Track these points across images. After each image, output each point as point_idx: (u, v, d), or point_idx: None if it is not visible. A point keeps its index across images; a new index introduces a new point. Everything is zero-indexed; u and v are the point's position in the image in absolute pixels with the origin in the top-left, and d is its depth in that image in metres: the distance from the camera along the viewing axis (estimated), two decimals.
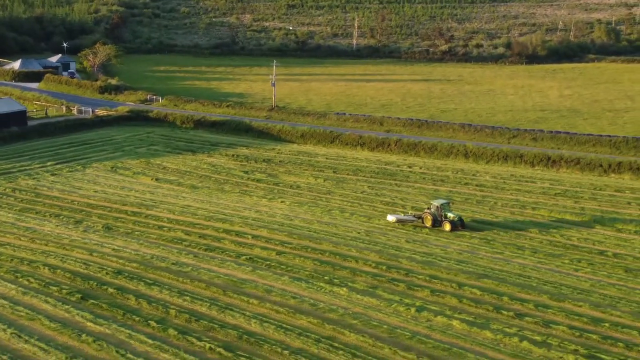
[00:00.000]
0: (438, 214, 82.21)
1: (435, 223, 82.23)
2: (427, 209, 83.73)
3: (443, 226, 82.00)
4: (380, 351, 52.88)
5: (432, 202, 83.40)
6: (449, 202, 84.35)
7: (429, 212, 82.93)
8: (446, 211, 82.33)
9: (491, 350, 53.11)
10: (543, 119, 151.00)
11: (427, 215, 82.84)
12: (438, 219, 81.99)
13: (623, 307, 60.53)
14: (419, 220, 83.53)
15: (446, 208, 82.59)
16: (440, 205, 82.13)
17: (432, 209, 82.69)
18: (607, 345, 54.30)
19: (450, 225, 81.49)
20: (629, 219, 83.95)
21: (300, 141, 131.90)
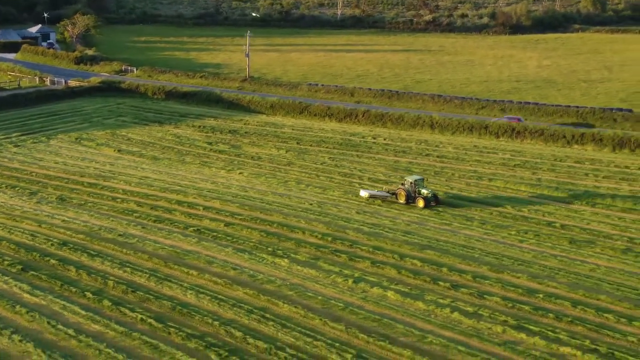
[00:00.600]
0: (412, 190, 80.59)
1: (409, 199, 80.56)
2: (400, 185, 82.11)
3: (416, 202, 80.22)
4: (311, 322, 52.98)
5: (406, 178, 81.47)
6: (422, 178, 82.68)
7: (402, 188, 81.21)
8: (420, 187, 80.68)
9: (421, 321, 53.25)
10: (517, 89, 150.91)
11: (401, 191, 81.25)
12: (412, 195, 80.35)
13: (561, 279, 60.60)
14: (392, 197, 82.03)
15: (420, 184, 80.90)
16: (414, 181, 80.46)
17: (406, 185, 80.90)
18: (537, 316, 54.40)
19: (423, 201, 79.86)
20: (582, 191, 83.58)
21: (269, 112, 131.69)
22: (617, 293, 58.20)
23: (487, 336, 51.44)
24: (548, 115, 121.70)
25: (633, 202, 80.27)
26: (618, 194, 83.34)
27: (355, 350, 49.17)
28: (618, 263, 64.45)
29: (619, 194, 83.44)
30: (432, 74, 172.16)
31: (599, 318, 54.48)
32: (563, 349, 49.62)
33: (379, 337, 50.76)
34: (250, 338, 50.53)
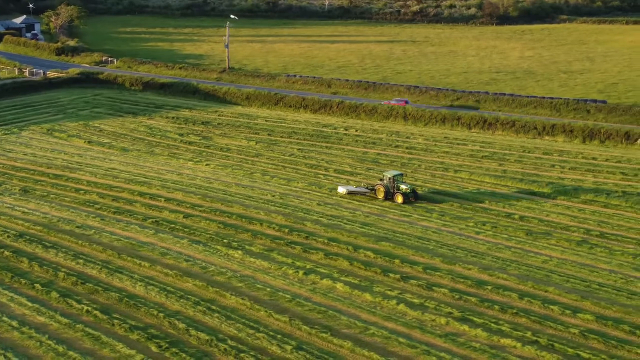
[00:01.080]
0: (390, 185, 79.01)
1: (388, 195, 79.09)
2: (379, 181, 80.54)
3: (395, 198, 78.93)
4: (256, 313, 53.12)
5: (385, 174, 79.79)
6: (402, 173, 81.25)
7: (381, 183, 79.72)
8: (399, 183, 79.06)
9: (366, 313, 53.34)
10: (495, 80, 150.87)
11: (380, 187, 79.67)
12: (390, 191, 78.89)
13: (512, 270, 60.75)
14: (371, 192, 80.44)
15: (399, 180, 79.45)
16: (393, 176, 78.81)
17: (385, 181, 79.36)
18: (483, 308, 54.47)
19: (402, 197, 78.27)
20: (546, 182, 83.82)
21: (245, 103, 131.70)
22: (567, 285, 58.20)
23: (429, 328, 51.49)
24: (522, 106, 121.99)
25: (594, 194, 79.90)
26: (582, 186, 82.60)
27: (296, 341, 49.24)
28: (571, 255, 64.52)
29: (583, 186, 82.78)
30: (414, 65, 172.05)
31: (544, 310, 54.48)
32: (503, 341, 49.65)
33: (322, 329, 50.73)
34: (193, 330, 50.51)
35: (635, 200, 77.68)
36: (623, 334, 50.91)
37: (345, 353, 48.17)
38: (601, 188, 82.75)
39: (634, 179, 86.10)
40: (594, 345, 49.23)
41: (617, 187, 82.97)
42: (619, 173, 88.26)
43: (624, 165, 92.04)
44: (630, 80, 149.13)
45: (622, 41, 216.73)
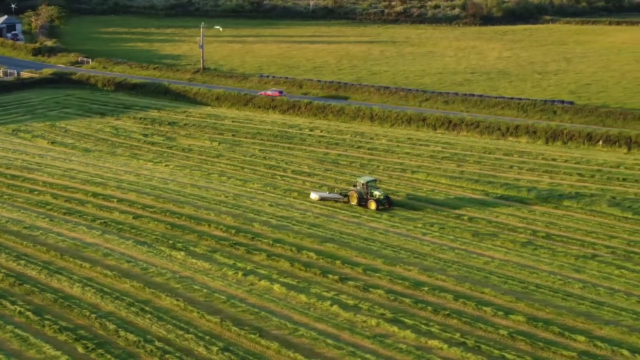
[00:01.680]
0: (364, 191, 77.46)
1: (361, 201, 77.45)
2: (353, 187, 78.94)
3: (368, 205, 77.16)
4: (189, 314, 53.23)
5: (358, 180, 78.21)
6: (375, 179, 79.65)
7: (354, 190, 78.15)
8: (372, 189, 77.45)
9: (298, 314, 53.52)
10: (469, 81, 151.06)
11: (353, 193, 78.06)
12: (363, 197, 77.27)
13: (452, 272, 60.94)
14: (345, 199, 78.92)
15: (372, 186, 77.76)
16: (366, 182, 77.17)
17: (358, 187, 77.73)
18: (416, 309, 54.71)
19: (375, 203, 76.74)
20: (501, 183, 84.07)
21: (215, 104, 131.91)
22: (504, 286, 58.31)
23: (359, 329, 51.56)
24: (490, 107, 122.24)
25: (547, 195, 79.92)
26: (536, 187, 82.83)
27: (224, 343, 49.41)
28: (514, 256, 64.66)
29: (537, 187, 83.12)
30: (390, 65, 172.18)
31: (477, 311, 54.67)
32: (431, 342, 49.82)
33: (252, 330, 50.92)
34: (123, 331, 50.64)
35: (586, 202, 77.84)
36: (552, 335, 51.04)
37: (271, 354, 48.22)
38: (555, 189, 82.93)
39: (590, 180, 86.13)
40: (521, 347, 49.40)
41: (571, 188, 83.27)
42: (576, 174, 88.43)
43: (583, 166, 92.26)
44: (603, 82, 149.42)
45: (601, 42, 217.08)
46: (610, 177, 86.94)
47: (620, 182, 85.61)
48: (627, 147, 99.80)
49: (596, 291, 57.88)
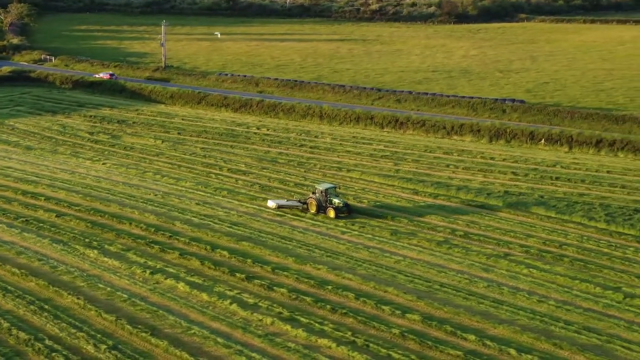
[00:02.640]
0: (322, 199, 74.94)
1: (320, 209, 75.02)
2: (311, 194, 76.22)
3: (327, 213, 74.76)
4: (87, 313, 53.42)
5: (317, 187, 75.72)
6: (335, 186, 77.06)
7: (313, 197, 75.53)
8: (332, 196, 74.92)
9: (195, 313, 53.74)
10: (428, 79, 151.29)
11: (312, 201, 75.52)
12: (323, 205, 74.85)
13: (361, 270, 61.24)
14: (304, 206, 76.55)
15: (332, 193, 75.24)
16: (325, 190, 74.72)
17: (317, 194, 75.18)
18: (315, 308, 55.04)
19: (334, 211, 74.34)
20: (432, 182, 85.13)
21: (169, 102, 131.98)
22: (408, 285, 58.62)
23: (253, 328, 51.69)
24: (441, 105, 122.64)
25: (475, 194, 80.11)
26: (467, 186, 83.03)
27: (114, 341, 49.66)
28: (427, 255, 64.95)
29: (468, 186, 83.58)
30: (354, 63, 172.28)
31: (375, 310, 54.90)
32: (321, 341, 49.99)
33: (144, 329, 51.02)
34: (15, 329, 50.80)
35: (511, 201, 77.69)
36: (443, 334, 51.18)
37: (159, 353, 48.32)
38: (486, 188, 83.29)
39: (522, 179, 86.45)
40: (410, 346, 49.58)
41: (501, 187, 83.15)
42: (511, 173, 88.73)
43: (519, 165, 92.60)
44: (562, 80, 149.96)
45: (572, 40, 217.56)
46: (544, 176, 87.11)
47: (552, 181, 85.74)
48: (568, 146, 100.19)
49: (500, 290, 57.93)
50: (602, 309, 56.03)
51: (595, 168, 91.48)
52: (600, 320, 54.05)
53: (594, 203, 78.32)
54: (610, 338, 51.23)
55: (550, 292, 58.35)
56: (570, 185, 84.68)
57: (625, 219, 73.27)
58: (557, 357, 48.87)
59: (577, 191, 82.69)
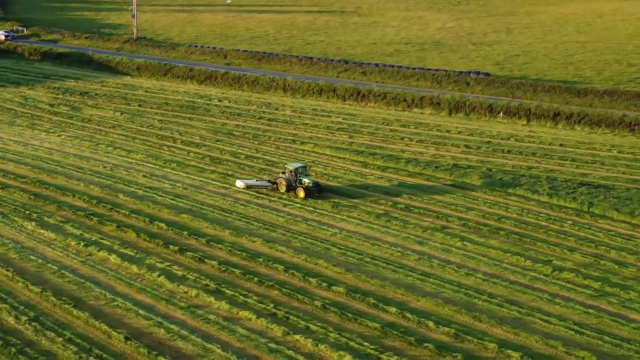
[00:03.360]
0: (292, 178, 73.11)
1: (290, 189, 73.36)
2: (281, 174, 74.34)
3: (297, 193, 73.20)
4: (14, 285, 53.73)
5: (286, 166, 73.97)
6: (305, 165, 74.63)
7: (283, 176, 73.60)
8: (302, 176, 73.13)
9: (122, 285, 54.21)
10: (399, 52, 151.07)
11: (282, 181, 73.75)
12: (292, 185, 73.16)
13: (295, 243, 61.80)
14: (273, 186, 74.82)
15: (301, 172, 73.44)
16: (295, 169, 72.72)
17: (287, 174, 73.32)
18: (242, 280, 55.17)
19: (304, 191, 72.38)
20: (384, 154, 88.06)
21: (135, 74, 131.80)
22: (340, 258, 59.00)
23: (177, 300, 51.99)
24: (405, 78, 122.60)
25: (424, 166, 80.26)
26: (418, 158, 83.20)
27: (36, 313, 49.78)
28: (364, 228, 65.28)
29: (419, 158, 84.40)
30: (328, 36, 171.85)
31: (302, 282, 55.47)
32: (242, 313, 50.31)
33: (68, 300, 51.26)
34: None
35: (459, 173, 78.09)
36: (365, 306, 51.58)
37: (79, 324, 48.64)
38: (436, 161, 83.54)
39: (474, 152, 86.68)
40: (329, 318, 49.93)
41: (452, 160, 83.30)
42: (463, 146, 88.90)
43: (474, 138, 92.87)
44: (533, 53, 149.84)
45: (552, 12, 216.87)
46: (495, 149, 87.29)
47: (504, 154, 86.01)
48: (526, 119, 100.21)
49: (430, 263, 58.25)
50: (529, 282, 55.70)
51: (549, 141, 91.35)
52: (525, 293, 53.96)
53: (541, 176, 78.05)
54: (531, 311, 51.05)
55: (480, 265, 58.16)
56: (520, 158, 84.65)
57: (568, 192, 73.17)
58: (475, 330, 48.49)
59: (526, 164, 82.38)
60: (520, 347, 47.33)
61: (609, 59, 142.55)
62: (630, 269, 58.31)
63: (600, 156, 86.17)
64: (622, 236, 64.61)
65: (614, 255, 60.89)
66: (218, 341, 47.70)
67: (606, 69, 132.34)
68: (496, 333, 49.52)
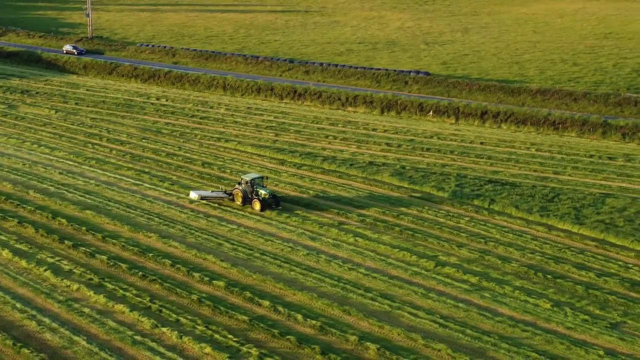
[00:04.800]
0: (249, 190, 71.32)
1: (246, 200, 71.34)
2: (237, 185, 72.37)
3: (253, 205, 71.18)
4: None
5: (242, 177, 71.78)
6: (262, 176, 72.85)
7: (239, 188, 71.65)
8: (258, 187, 71.19)
9: (7, 279, 56.08)
10: (350, 51, 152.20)
11: (238, 192, 71.76)
12: (248, 196, 71.19)
13: (190, 239, 63.37)
14: (229, 197, 72.80)
15: (258, 184, 71.60)
16: (251, 180, 70.93)
17: (242, 185, 71.36)
18: (127, 275, 57.06)
19: (260, 203, 70.47)
20: (304, 152, 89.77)
21: (82, 72, 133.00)
22: (230, 253, 62.02)
23: (57, 294, 53.40)
24: (346, 77, 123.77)
25: (339, 164, 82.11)
26: (336, 156, 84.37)
27: None
28: (263, 224, 68.01)
29: (337, 156, 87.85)
30: (285, 35, 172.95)
31: (185, 277, 57.22)
32: (117, 307, 51.38)
33: None
34: None
35: (372, 171, 79.71)
36: (240, 300, 53.53)
37: None
38: (354, 159, 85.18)
39: (394, 150, 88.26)
40: (202, 312, 51.55)
41: (369, 158, 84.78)
42: (385, 144, 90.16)
43: (398, 136, 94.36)
44: (483, 52, 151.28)
45: (514, 12, 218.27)
46: (415, 148, 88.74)
47: (422, 152, 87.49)
48: (455, 118, 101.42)
49: (317, 258, 59.51)
50: (409, 277, 57.06)
51: (471, 139, 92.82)
52: (402, 287, 55.34)
53: (452, 174, 79.46)
54: (402, 305, 52.43)
55: (366, 260, 59.42)
56: (437, 156, 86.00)
57: (473, 189, 74.62)
58: (341, 323, 49.96)
59: (441, 162, 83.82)
60: (380, 340, 48.43)
61: (556, 58, 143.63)
62: (512, 264, 58.93)
63: (517, 154, 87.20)
64: (514, 232, 65.39)
65: (501, 251, 61.59)
66: (86, 334, 48.88)
67: (550, 69, 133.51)
68: (361, 326, 50.42)
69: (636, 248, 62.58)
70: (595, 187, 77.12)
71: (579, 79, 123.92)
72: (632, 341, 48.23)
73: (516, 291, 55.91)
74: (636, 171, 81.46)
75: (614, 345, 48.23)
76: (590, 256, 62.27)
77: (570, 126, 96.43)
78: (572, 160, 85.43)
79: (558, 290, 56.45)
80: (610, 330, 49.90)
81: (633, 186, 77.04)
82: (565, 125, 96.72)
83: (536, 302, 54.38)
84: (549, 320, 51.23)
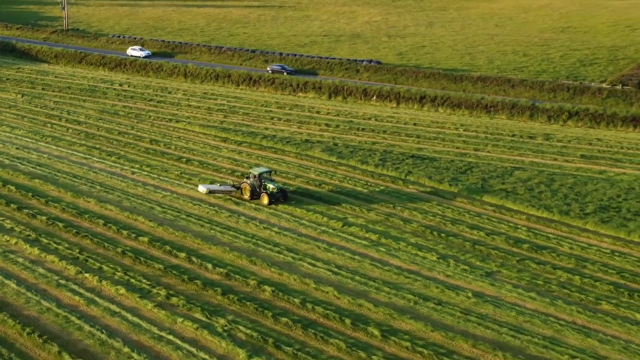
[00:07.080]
0: (257, 184, 70.88)
1: (254, 195, 71.21)
2: (245, 179, 72.24)
3: (261, 199, 71.13)
4: None
5: (250, 171, 71.53)
6: (270, 170, 72.54)
7: (247, 182, 71.34)
8: (267, 182, 70.98)
9: None
10: (313, 43, 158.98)
11: (246, 186, 71.47)
12: (257, 190, 70.85)
13: (125, 203, 69.82)
14: (237, 192, 72.82)
15: (266, 178, 71.37)
16: (259, 174, 70.45)
17: (251, 179, 71.00)
18: (62, 232, 63.63)
19: (268, 198, 70.30)
20: (247, 131, 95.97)
21: (53, 61, 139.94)
22: (160, 215, 67.93)
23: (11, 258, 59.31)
24: (303, 65, 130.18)
25: (276, 141, 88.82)
26: (276, 135, 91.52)
27: None
28: (195, 191, 72.78)
29: (277, 135, 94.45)
30: (254, 28, 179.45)
31: (115, 234, 63.92)
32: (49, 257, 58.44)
33: None
34: None
35: (305, 147, 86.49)
36: (160, 252, 60.34)
37: None
38: (292, 137, 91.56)
39: (330, 130, 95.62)
40: (124, 262, 58.33)
41: (306, 137, 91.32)
42: (324, 125, 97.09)
43: (339, 118, 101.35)
44: (440, 44, 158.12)
45: (482, 8, 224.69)
46: (352, 128, 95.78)
47: (357, 131, 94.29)
48: (396, 102, 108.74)
49: (237, 220, 67.54)
50: (317, 235, 64.54)
51: (405, 121, 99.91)
52: (307, 243, 62.14)
53: (378, 150, 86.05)
54: (305, 257, 59.41)
55: (281, 222, 66.74)
56: (370, 135, 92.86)
57: (394, 163, 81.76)
58: (246, 271, 57.02)
59: (372, 140, 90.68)
60: (277, 284, 55.12)
61: (509, 50, 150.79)
62: (412, 224, 65.91)
63: (445, 134, 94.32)
64: (422, 199, 72.33)
65: (406, 214, 68.48)
66: (17, 278, 55.24)
67: (499, 59, 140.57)
68: (263, 274, 56.87)
69: (529, 212, 68.87)
70: (509, 162, 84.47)
71: (524, 68, 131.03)
72: (500, 286, 54.80)
73: (409, 247, 62.09)
74: (551, 148, 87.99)
75: (484, 289, 55.12)
76: (486, 219, 68.60)
77: (501, 109, 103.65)
78: (494, 139, 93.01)
79: (447, 246, 62.68)
80: (483, 278, 56.75)
81: (544, 161, 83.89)
82: (496, 108, 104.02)
83: (425, 255, 60.63)
84: (431, 269, 58.09)
